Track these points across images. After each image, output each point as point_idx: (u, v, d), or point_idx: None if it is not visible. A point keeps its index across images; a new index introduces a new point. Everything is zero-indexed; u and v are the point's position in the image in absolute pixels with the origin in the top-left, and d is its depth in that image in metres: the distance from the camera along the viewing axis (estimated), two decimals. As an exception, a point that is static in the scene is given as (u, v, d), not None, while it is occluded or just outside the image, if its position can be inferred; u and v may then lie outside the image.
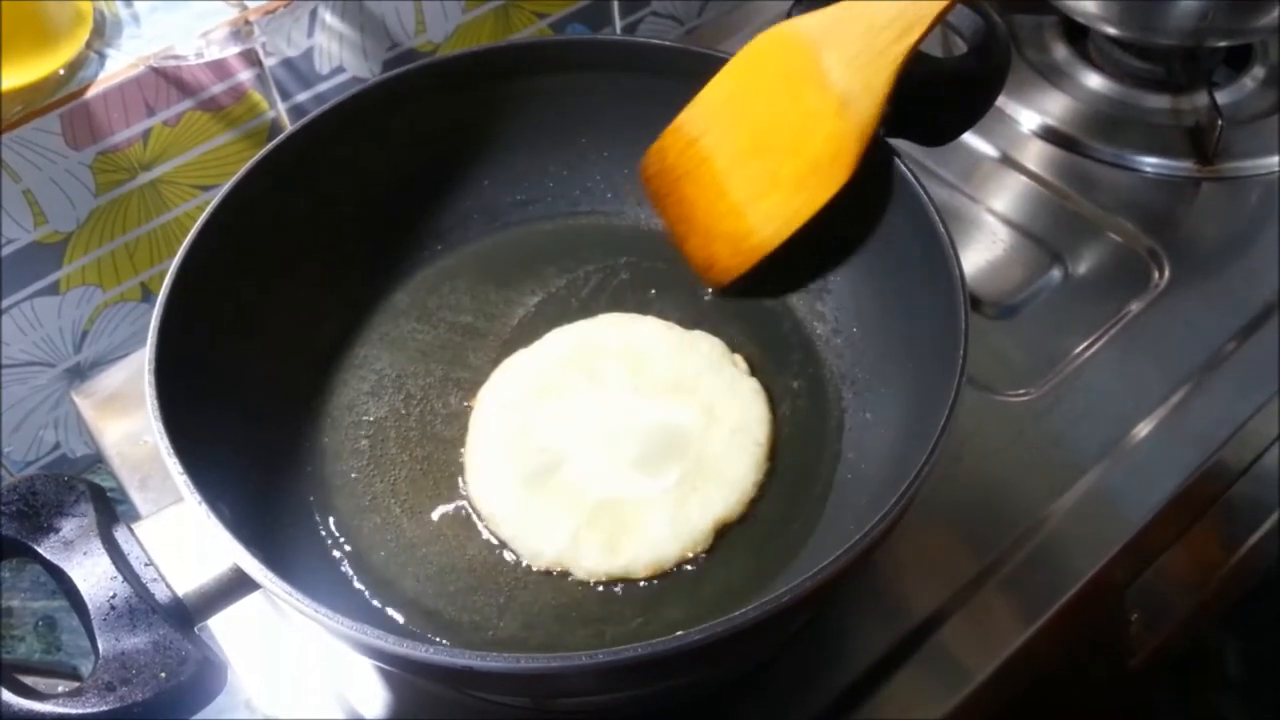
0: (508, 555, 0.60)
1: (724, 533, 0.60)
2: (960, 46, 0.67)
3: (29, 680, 0.46)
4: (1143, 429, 0.71)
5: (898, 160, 0.61)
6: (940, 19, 0.59)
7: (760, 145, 0.65)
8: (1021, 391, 0.73)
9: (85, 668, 0.80)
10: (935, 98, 0.64)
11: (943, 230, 0.57)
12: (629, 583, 0.59)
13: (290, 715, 0.62)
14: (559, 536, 0.59)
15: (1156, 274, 0.78)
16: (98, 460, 0.79)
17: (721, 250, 0.68)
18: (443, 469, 0.64)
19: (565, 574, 0.59)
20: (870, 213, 0.64)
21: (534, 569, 0.60)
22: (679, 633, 0.44)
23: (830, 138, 0.62)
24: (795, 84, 0.64)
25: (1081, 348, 0.74)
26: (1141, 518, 0.67)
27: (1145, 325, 0.76)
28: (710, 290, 0.70)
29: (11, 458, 0.82)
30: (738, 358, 0.67)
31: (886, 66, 0.60)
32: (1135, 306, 0.76)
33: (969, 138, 0.87)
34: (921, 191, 0.59)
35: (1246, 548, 0.78)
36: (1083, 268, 0.79)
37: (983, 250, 0.81)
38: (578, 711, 0.60)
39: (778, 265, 0.67)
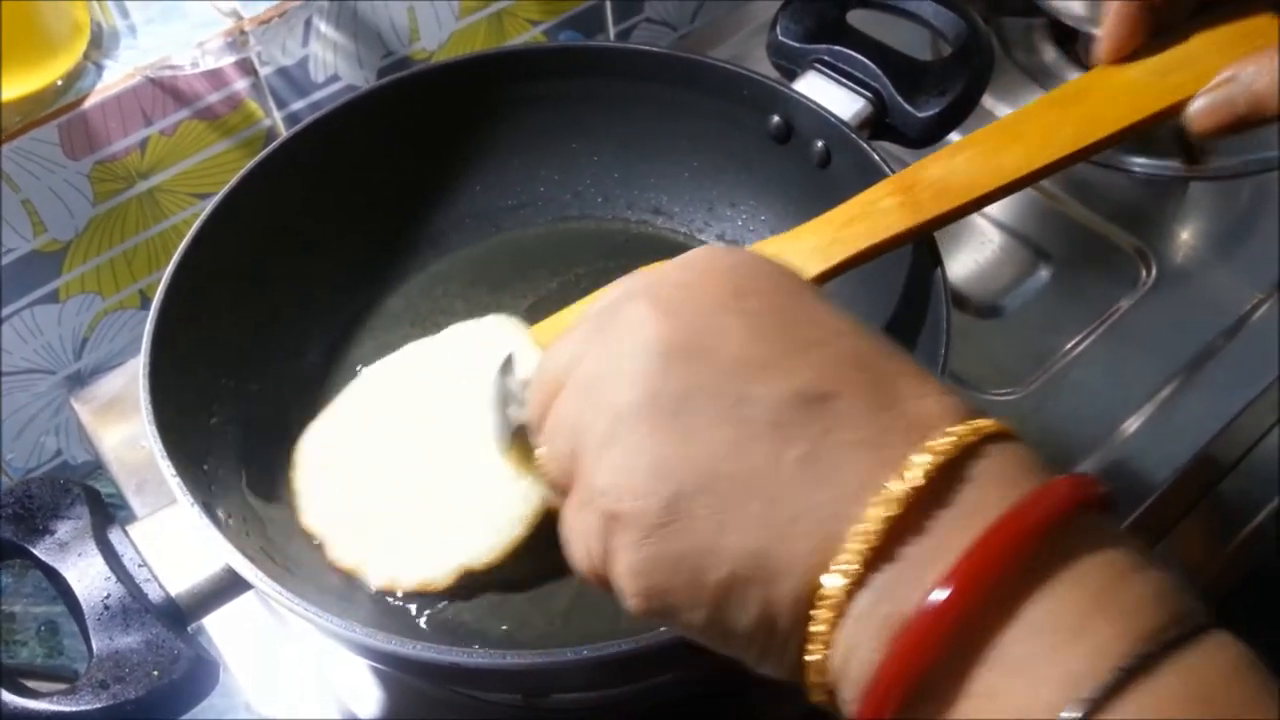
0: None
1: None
2: (944, 49, 0.68)
3: (31, 684, 0.46)
4: (1131, 425, 0.71)
5: (879, 162, 0.62)
6: None
7: None
8: (1009, 390, 0.73)
9: (87, 671, 0.81)
10: (918, 98, 0.64)
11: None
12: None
13: (287, 716, 0.63)
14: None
15: (1144, 272, 0.79)
16: (98, 466, 0.79)
17: None
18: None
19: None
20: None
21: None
22: (664, 628, 0.45)
23: None
24: None
25: (1069, 346, 0.75)
26: (1130, 513, 0.67)
27: (1133, 323, 0.76)
28: None
29: (14, 465, 0.83)
30: None
31: None
32: (1124, 304, 0.77)
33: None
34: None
35: (1238, 542, 0.78)
36: (1071, 267, 0.80)
37: (972, 251, 0.81)
38: (570, 710, 0.61)
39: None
